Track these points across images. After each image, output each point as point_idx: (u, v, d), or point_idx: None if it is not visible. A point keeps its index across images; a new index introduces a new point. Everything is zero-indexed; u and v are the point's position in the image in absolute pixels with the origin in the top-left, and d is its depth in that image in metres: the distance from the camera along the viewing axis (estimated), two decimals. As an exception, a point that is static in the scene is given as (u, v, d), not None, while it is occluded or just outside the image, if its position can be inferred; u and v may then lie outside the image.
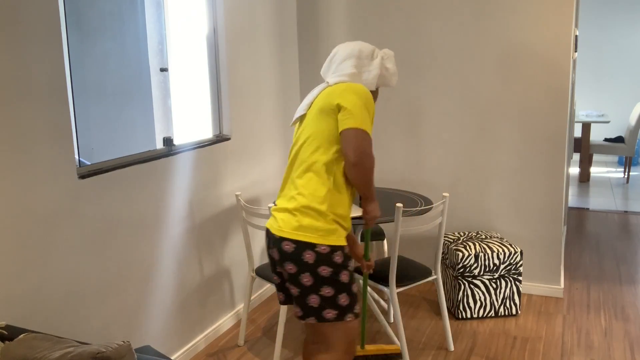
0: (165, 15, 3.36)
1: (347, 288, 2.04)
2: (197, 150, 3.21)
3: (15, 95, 2.13)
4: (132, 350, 1.66)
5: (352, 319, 2.06)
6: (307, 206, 2.02)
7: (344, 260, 2.04)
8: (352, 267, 2.09)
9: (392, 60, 2.32)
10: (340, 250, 2.03)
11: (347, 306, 2.05)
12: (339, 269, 2.02)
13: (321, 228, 2.01)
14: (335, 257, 2.02)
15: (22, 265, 2.19)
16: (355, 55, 2.26)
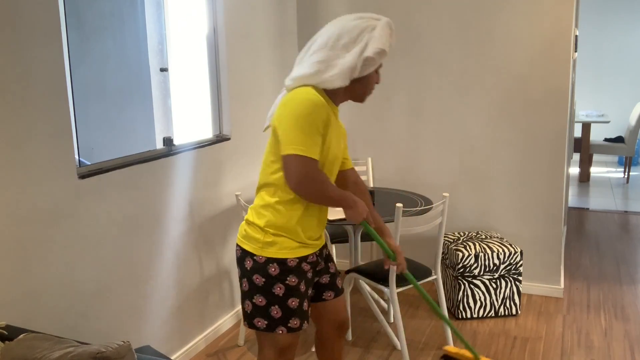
0: (165, 15, 3.36)
1: (280, 301, 2.04)
2: (197, 150, 3.21)
3: (15, 95, 2.13)
4: (132, 350, 1.66)
5: (284, 332, 2.06)
6: (250, 220, 2.10)
7: (280, 274, 2.03)
8: (295, 283, 2.04)
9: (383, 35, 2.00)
10: (276, 263, 2.03)
11: (278, 319, 2.05)
12: (273, 281, 2.03)
13: (260, 240, 2.05)
14: (270, 269, 2.03)
15: (22, 265, 2.19)
16: (330, 45, 2.00)
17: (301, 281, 2.08)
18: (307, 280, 2.13)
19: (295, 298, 2.06)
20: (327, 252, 2.29)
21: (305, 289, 2.11)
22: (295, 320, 2.06)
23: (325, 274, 2.24)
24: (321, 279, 2.24)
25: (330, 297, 2.26)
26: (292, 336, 2.09)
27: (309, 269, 2.13)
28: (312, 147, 1.92)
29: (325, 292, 2.25)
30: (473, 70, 3.84)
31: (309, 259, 2.12)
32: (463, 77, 3.88)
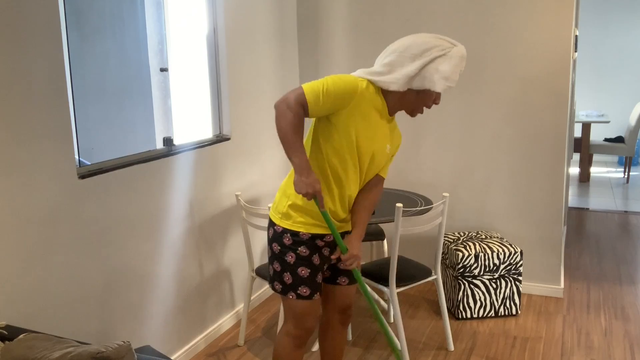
0: (165, 15, 3.36)
1: (291, 269, 2.22)
2: (197, 150, 3.21)
3: (16, 95, 2.13)
4: (132, 350, 1.66)
5: (294, 297, 2.24)
6: (282, 191, 2.29)
7: (292, 244, 2.21)
8: (306, 254, 2.21)
9: (452, 62, 2.07)
10: (289, 234, 2.21)
11: (289, 285, 2.24)
12: (286, 250, 2.22)
13: (280, 211, 2.24)
14: (285, 238, 2.22)
15: (22, 265, 2.19)
16: (399, 51, 2.10)
17: (314, 254, 2.24)
18: (323, 255, 2.28)
19: (306, 268, 2.22)
20: None
21: (319, 262, 2.26)
22: (305, 289, 2.23)
23: None
24: (339, 263, 2.33)
25: (344, 282, 2.39)
26: (303, 303, 2.25)
27: (324, 245, 2.27)
28: (316, 95, 2.04)
29: (340, 277, 2.38)
30: (473, 70, 3.84)
31: (325, 238, 2.26)
32: (463, 77, 3.88)
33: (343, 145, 2.13)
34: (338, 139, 2.13)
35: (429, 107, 2.19)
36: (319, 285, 2.28)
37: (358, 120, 2.11)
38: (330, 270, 2.37)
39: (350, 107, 2.09)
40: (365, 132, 2.13)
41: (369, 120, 2.13)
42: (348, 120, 2.10)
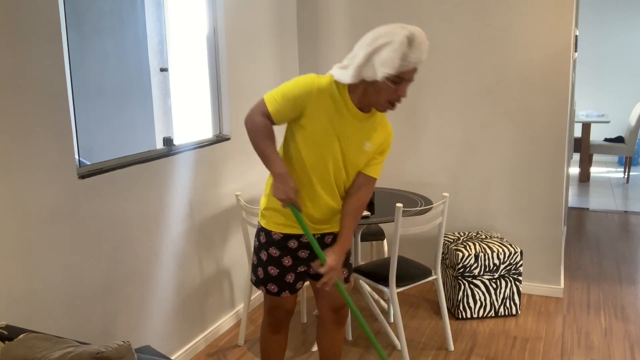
0: (165, 15, 3.36)
1: (263, 266, 2.33)
2: (197, 150, 3.21)
3: (16, 95, 2.13)
4: (132, 350, 1.66)
5: (263, 291, 2.37)
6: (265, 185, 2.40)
7: (265, 242, 2.32)
8: (276, 255, 2.29)
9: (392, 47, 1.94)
10: (264, 233, 2.32)
11: (261, 279, 2.36)
12: (261, 247, 2.34)
13: (261, 209, 2.37)
14: (260, 236, 2.34)
15: (22, 265, 2.19)
16: (359, 43, 2.06)
17: (285, 255, 2.31)
18: (297, 257, 2.33)
19: (275, 268, 2.32)
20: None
21: (290, 264, 2.32)
22: (273, 286, 2.34)
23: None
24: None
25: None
26: (272, 298, 2.38)
27: (297, 247, 2.31)
28: (275, 102, 2.10)
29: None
30: (473, 70, 3.84)
31: (302, 238, 2.30)
32: (463, 77, 3.88)
33: (309, 144, 2.14)
34: (303, 139, 2.14)
35: (395, 101, 2.06)
36: (289, 284, 2.35)
37: (321, 118, 2.10)
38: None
39: (310, 106, 2.09)
40: (327, 130, 2.11)
41: (333, 118, 2.11)
42: (310, 120, 2.11)
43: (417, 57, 1.97)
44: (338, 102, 2.12)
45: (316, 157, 2.16)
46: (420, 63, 2.00)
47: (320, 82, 2.10)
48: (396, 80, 2.00)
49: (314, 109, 2.10)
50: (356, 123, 2.15)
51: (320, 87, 2.10)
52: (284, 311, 2.42)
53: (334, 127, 2.12)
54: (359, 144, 2.17)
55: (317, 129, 2.12)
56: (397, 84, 2.01)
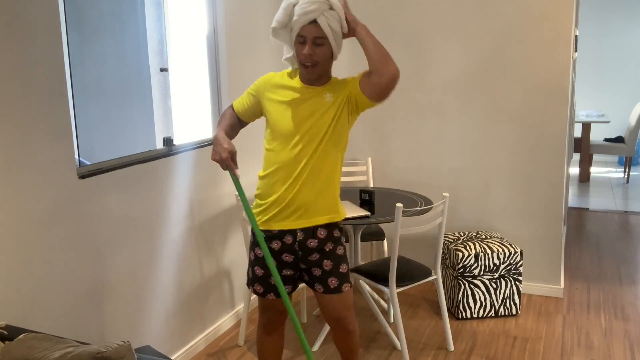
0: (165, 15, 3.35)
1: (250, 265, 2.40)
2: (197, 150, 3.21)
3: (16, 95, 2.13)
4: (132, 350, 1.66)
5: (251, 291, 2.42)
6: None
7: (252, 242, 2.38)
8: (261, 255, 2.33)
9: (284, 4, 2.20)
10: (251, 233, 2.38)
11: (249, 279, 2.42)
12: (250, 247, 2.41)
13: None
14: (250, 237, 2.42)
15: (22, 265, 2.19)
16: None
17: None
18: (281, 261, 2.33)
19: (260, 268, 2.36)
20: (331, 249, 2.33)
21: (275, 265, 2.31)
22: (258, 287, 2.38)
23: (316, 267, 2.33)
24: (313, 270, 2.34)
25: (319, 290, 2.35)
26: (260, 299, 2.42)
27: (280, 248, 2.31)
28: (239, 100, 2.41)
29: (315, 284, 2.36)
30: (473, 70, 3.84)
31: (285, 238, 2.29)
32: (463, 77, 3.88)
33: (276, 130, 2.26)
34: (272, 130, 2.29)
35: (303, 62, 2.18)
36: (274, 287, 2.35)
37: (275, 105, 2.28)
38: (307, 275, 2.37)
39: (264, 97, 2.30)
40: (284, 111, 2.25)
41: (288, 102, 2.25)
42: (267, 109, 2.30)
43: (303, 9, 2.10)
44: (288, 85, 2.27)
45: (287, 139, 2.24)
46: (308, 15, 2.09)
47: (271, 74, 2.33)
48: (300, 40, 2.16)
49: (268, 99, 2.29)
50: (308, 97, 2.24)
51: (267, 79, 2.32)
52: (276, 311, 2.42)
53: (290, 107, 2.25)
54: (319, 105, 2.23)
55: (276, 116, 2.26)
56: (302, 43, 2.16)
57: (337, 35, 2.16)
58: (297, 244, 2.29)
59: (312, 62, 2.16)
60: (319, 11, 2.10)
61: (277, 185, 2.25)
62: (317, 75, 2.21)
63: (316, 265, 2.32)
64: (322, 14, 2.10)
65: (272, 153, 2.27)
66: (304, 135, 2.22)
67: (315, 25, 2.11)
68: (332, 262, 2.33)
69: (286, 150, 2.23)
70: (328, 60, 2.20)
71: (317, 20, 2.11)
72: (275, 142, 2.26)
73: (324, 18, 2.11)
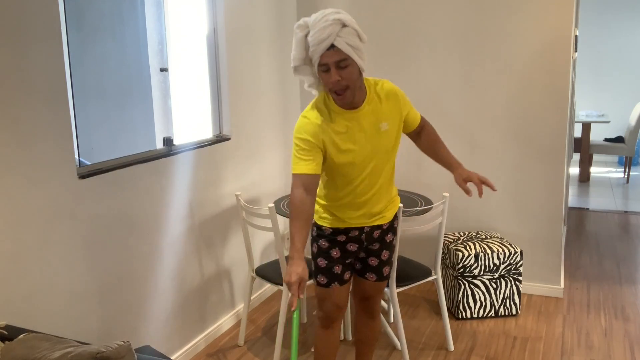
0: (165, 15, 3.36)
1: (314, 257, 2.42)
2: (197, 150, 3.21)
3: (16, 95, 2.13)
4: (132, 350, 1.66)
5: (315, 284, 2.43)
6: None
7: (316, 236, 2.41)
8: (325, 247, 2.37)
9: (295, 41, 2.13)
10: (315, 227, 2.42)
11: (313, 271, 2.44)
12: (312, 241, 2.45)
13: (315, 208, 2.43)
14: (313, 230, 2.45)
15: (22, 265, 2.19)
16: None
17: (333, 247, 2.37)
18: (345, 250, 2.38)
19: (324, 259, 2.38)
20: (389, 241, 2.46)
21: (339, 255, 2.37)
22: (322, 278, 2.39)
23: (374, 257, 2.44)
24: (369, 259, 2.45)
25: (372, 279, 2.47)
26: (321, 290, 2.41)
27: (345, 240, 2.37)
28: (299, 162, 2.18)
29: (369, 273, 2.47)
30: (473, 70, 3.84)
31: (350, 234, 2.36)
32: (463, 77, 3.88)
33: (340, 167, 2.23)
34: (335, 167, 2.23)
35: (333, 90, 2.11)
36: (338, 275, 2.38)
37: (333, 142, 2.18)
38: (360, 264, 2.47)
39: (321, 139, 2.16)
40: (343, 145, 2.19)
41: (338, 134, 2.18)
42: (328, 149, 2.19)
43: (315, 37, 2.01)
44: (330, 117, 2.18)
45: (353, 172, 2.24)
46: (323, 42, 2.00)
47: (308, 115, 2.19)
48: (323, 69, 2.07)
49: (324, 138, 2.17)
50: (358, 120, 2.20)
51: (310, 119, 2.17)
52: (334, 305, 2.43)
53: (345, 140, 2.19)
54: (375, 132, 2.21)
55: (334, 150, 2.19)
56: (326, 71, 2.07)
57: (359, 49, 2.05)
58: (364, 234, 2.38)
59: (343, 87, 2.08)
60: (334, 34, 2.00)
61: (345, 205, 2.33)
62: (352, 97, 2.13)
63: (375, 254, 2.44)
64: (337, 35, 2.00)
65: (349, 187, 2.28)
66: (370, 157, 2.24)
67: (334, 49, 2.01)
68: (389, 253, 2.48)
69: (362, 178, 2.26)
70: (358, 78, 2.11)
71: (335, 44, 2.00)
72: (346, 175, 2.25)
73: (341, 39, 2.00)
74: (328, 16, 2.01)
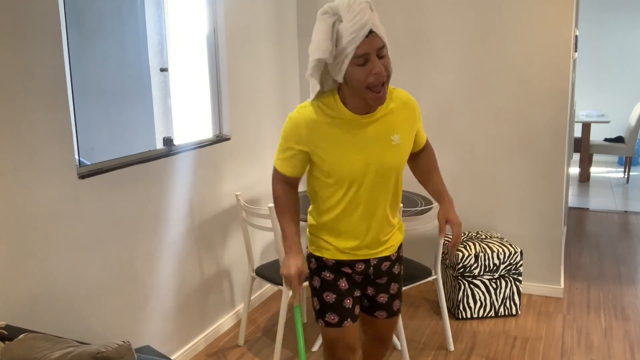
0: (165, 15, 3.36)
1: (317, 293, 2.08)
2: (197, 150, 3.21)
3: (16, 95, 2.13)
4: (132, 350, 1.66)
5: (322, 325, 2.08)
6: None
7: (317, 268, 2.08)
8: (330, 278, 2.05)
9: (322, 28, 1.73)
10: (314, 259, 2.09)
11: (318, 311, 2.09)
12: (312, 274, 2.10)
13: (309, 236, 2.13)
14: (311, 263, 2.11)
15: (22, 265, 2.19)
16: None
17: (340, 278, 2.05)
18: (352, 280, 2.07)
19: (331, 293, 2.04)
20: (397, 272, 2.16)
21: (347, 287, 2.06)
22: (332, 316, 2.04)
23: (383, 292, 2.14)
24: (378, 297, 2.14)
25: (382, 316, 2.18)
26: (331, 331, 2.06)
27: (351, 272, 2.07)
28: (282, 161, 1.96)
29: (378, 311, 2.17)
30: (473, 70, 3.84)
31: (356, 267, 2.06)
32: (463, 77, 3.88)
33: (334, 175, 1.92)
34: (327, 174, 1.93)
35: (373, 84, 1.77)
36: (349, 310, 2.05)
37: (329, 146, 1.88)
38: (368, 301, 2.16)
39: (311, 141, 1.88)
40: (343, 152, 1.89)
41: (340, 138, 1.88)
42: (320, 152, 1.89)
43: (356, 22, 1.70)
44: (335, 120, 1.88)
45: (349, 183, 1.93)
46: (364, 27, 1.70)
47: (304, 112, 1.88)
48: (360, 61, 1.74)
49: (317, 140, 1.88)
50: (368, 128, 1.90)
51: (306, 117, 1.87)
52: (347, 348, 2.08)
53: (347, 145, 1.89)
54: (385, 144, 1.92)
55: (331, 158, 1.89)
56: (364, 64, 1.75)
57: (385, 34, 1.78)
58: (371, 268, 2.08)
59: (384, 81, 1.78)
60: (371, 18, 1.72)
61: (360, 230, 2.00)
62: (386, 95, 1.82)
63: (383, 290, 2.13)
64: (373, 18, 1.73)
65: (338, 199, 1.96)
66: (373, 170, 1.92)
67: (373, 35, 1.73)
68: (398, 285, 2.17)
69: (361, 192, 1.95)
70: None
71: (373, 29, 1.72)
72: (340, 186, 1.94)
73: (376, 24, 1.74)
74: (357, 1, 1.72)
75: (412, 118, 1.99)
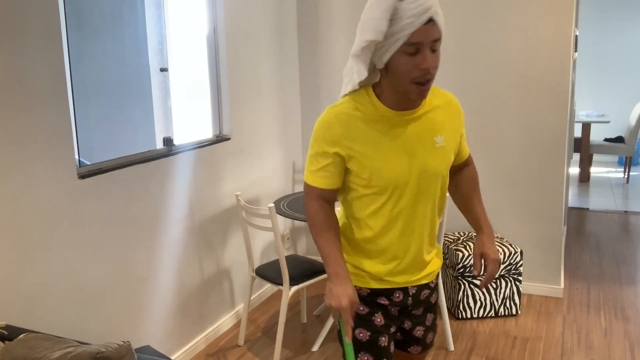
0: (165, 15, 3.36)
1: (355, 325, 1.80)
2: (197, 150, 3.21)
3: (16, 95, 2.13)
4: (132, 350, 1.66)
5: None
6: None
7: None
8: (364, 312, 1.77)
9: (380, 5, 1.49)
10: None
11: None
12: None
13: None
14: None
15: (22, 265, 2.19)
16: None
17: (375, 312, 1.78)
18: (388, 314, 1.80)
19: (365, 330, 1.77)
20: (434, 302, 1.91)
21: (383, 322, 1.78)
22: (366, 356, 1.76)
23: (420, 325, 1.87)
24: (415, 330, 1.87)
25: (416, 351, 1.92)
26: None
27: (388, 304, 1.80)
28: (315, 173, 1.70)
29: (413, 346, 1.91)
30: (473, 70, 3.84)
31: (393, 297, 1.79)
32: (463, 77, 3.88)
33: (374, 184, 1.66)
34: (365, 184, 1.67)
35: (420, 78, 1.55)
36: (384, 350, 1.77)
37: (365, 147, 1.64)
38: (402, 335, 1.89)
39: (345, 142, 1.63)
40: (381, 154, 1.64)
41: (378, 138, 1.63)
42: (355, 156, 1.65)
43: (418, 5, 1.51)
44: (371, 117, 1.64)
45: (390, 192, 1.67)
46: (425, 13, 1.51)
47: (335, 110, 1.64)
48: (411, 50, 1.52)
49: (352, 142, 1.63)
50: (409, 126, 1.66)
51: (338, 114, 1.63)
52: None
53: (387, 147, 1.64)
54: (428, 145, 1.68)
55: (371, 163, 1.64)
56: (413, 54, 1.53)
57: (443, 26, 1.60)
58: (410, 298, 1.81)
59: (432, 76, 1.57)
60: (435, 4, 1.52)
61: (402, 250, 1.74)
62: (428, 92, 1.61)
63: (419, 322, 1.87)
64: (436, 5, 1.54)
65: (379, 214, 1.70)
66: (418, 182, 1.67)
67: (432, 24, 1.53)
68: (433, 315, 1.92)
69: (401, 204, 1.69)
70: None
71: (434, 18, 1.53)
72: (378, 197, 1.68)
73: (439, 12, 1.55)
74: None
75: (456, 119, 1.76)
